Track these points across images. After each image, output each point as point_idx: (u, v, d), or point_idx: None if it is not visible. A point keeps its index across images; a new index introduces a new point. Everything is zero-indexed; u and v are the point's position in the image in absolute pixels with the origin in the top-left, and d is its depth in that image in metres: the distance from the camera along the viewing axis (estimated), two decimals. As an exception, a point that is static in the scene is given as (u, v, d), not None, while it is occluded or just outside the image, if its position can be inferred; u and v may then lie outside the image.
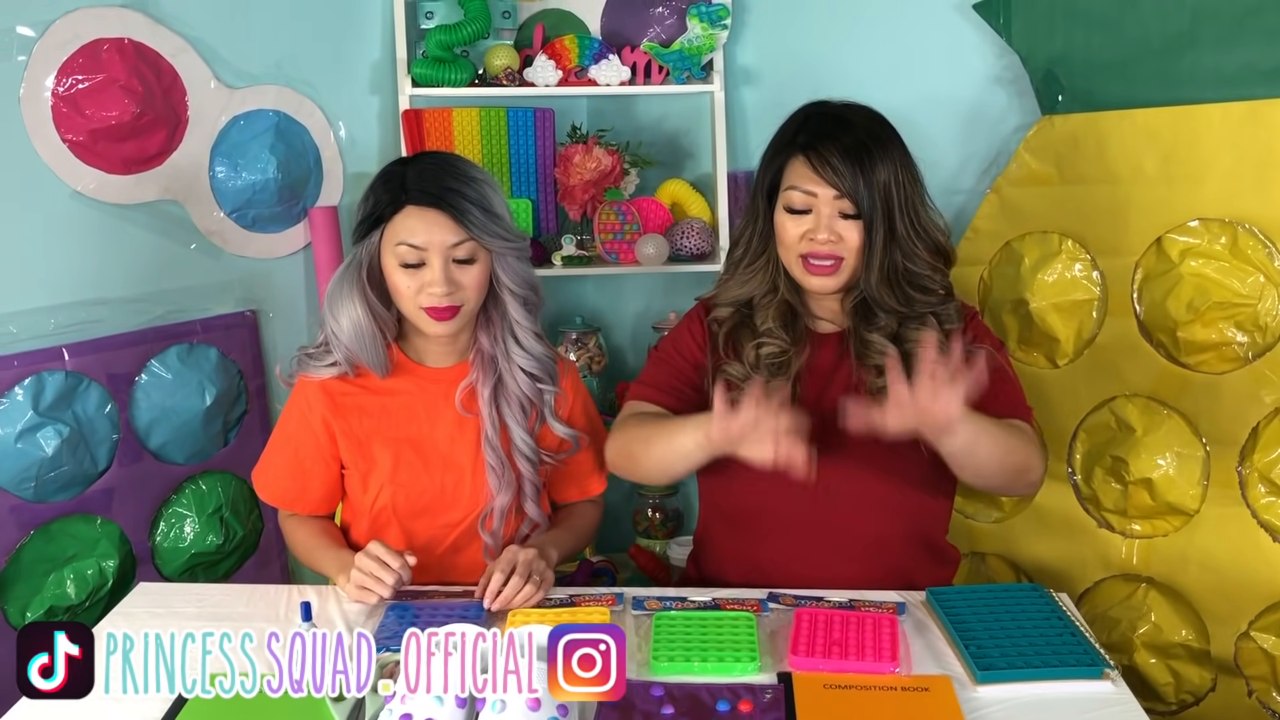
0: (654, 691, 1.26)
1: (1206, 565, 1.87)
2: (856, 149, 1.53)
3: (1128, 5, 1.90)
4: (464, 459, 1.65)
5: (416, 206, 1.54)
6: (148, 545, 2.16)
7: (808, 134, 1.58)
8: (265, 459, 1.73)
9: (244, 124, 2.21)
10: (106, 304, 2.07)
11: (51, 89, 1.96)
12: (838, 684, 1.29)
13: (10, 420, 1.93)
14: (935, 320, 1.60)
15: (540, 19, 2.43)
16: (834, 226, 1.55)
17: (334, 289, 1.61)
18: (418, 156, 1.66)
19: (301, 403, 1.67)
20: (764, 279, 1.65)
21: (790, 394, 1.60)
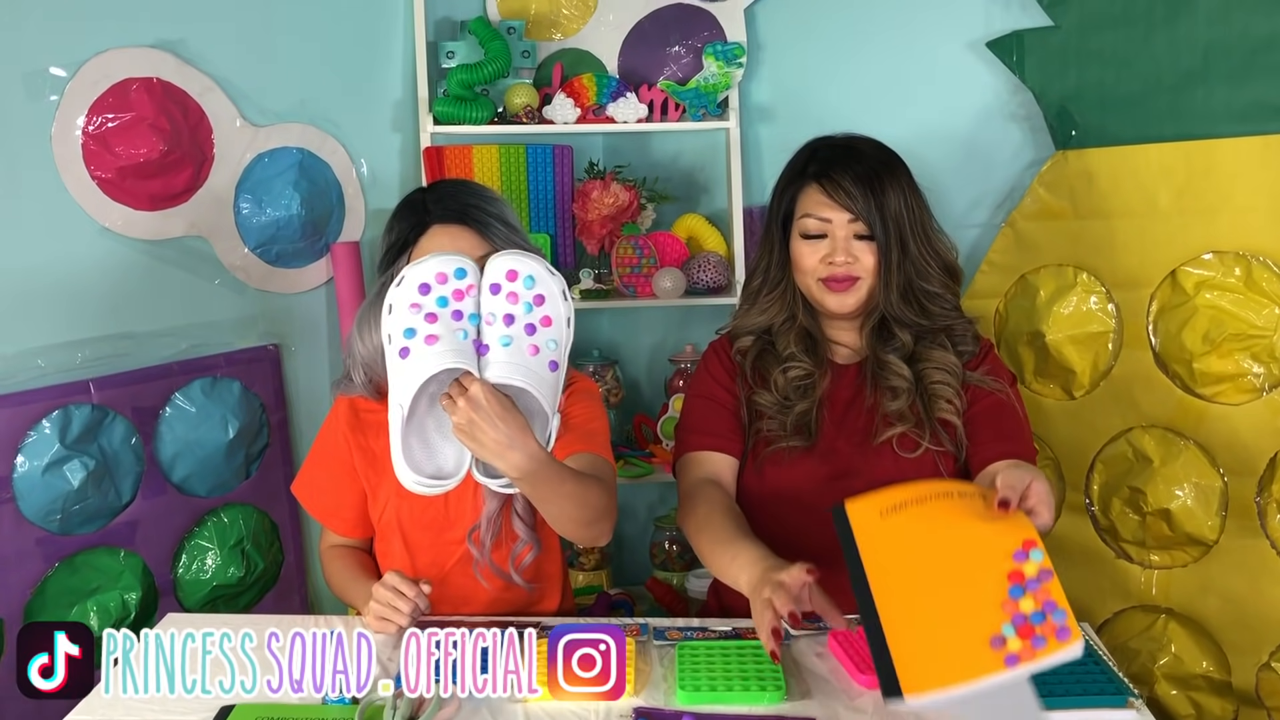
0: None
1: (1226, 596, 1.87)
2: (867, 175, 1.59)
3: (1140, 42, 1.93)
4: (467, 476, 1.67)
5: (441, 225, 1.59)
6: (170, 577, 2.17)
7: (818, 163, 1.63)
8: (304, 470, 1.76)
9: (268, 161, 2.25)
10: (132, 338, 2.10)
11: (82, 127, 2.00)
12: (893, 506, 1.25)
13: (37, 453, 1.95)
14: (950, 340, 1.62)
15: (559, 58, 2.48)
16: (850, 249, 1.60)
17: (364, 314, 1.65)
18: (434, 184, 1.71)
19: (333, 418, 1.72)
20: (783, 307, 1.68)
21: (813, 421, 1.62)
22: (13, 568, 1.94)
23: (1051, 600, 1.14)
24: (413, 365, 1.29)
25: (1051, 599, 1.14)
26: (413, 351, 1.28)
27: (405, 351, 1.29)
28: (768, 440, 1.64)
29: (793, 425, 1.63)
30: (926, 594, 1.19)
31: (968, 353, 1.64)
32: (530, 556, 1.71)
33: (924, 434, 1.59)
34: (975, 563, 1.19)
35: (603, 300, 2.44)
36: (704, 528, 1.57)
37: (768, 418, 1.64)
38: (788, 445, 1.62)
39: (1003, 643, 1.14)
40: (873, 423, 1.62)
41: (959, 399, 1.60)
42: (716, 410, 1.68)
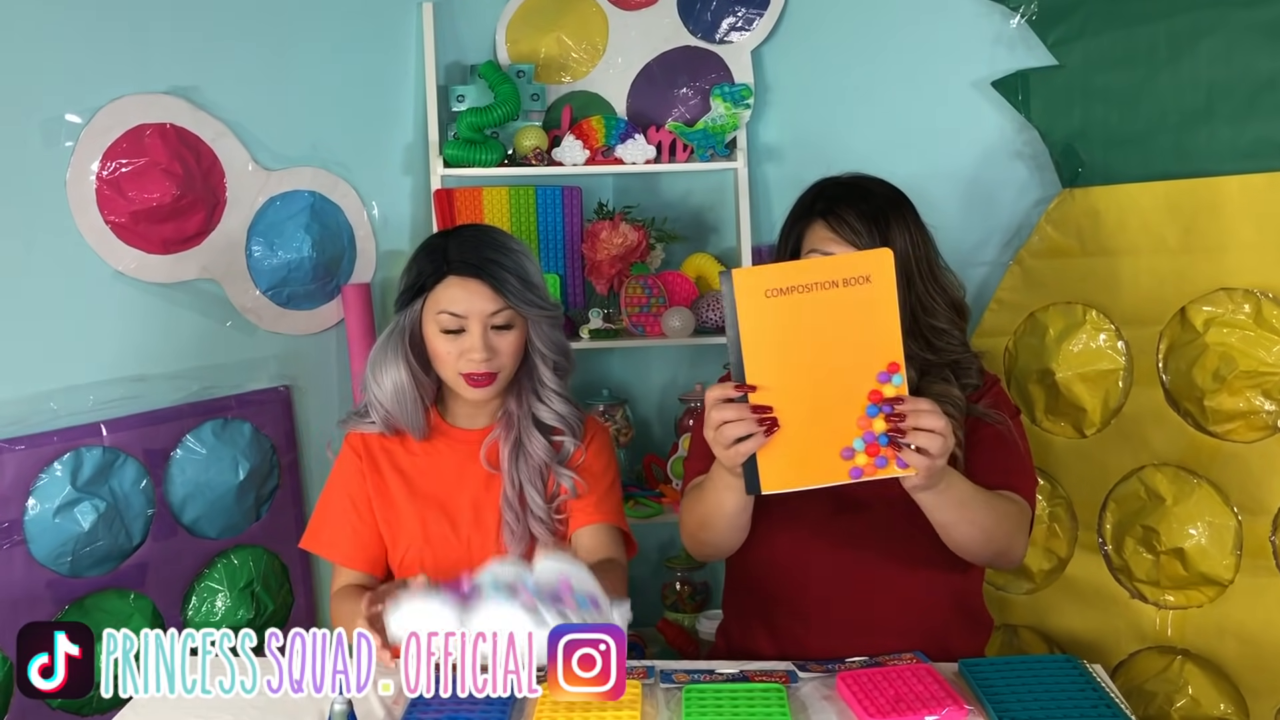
0: None
1: (1242, 637, 1.85)
2: (872, 212, 1.59)
3: (1144, 82, 1.94)
4: (489, 519, 1.68)
5: (458, 276, 1.62)
6: (179, 619, 2.17)
7: (825, 201, 1.63)
8: (318, 511, 1.76)
9: (280, 204, 2.27)
10: (144, 380, 2.11)
11: (96, 172, 2.02)
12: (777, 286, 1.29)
13: (49, 496, 1.96)
14: (953, 375, 1.62)
15: (568, 100, 2.50)
16: None
17: (377, 354, 1.68)
18: (458, 230, 1.73)
19: (348, 453, 1.74)
20: None
21: None
22: (23, 610, 1.94)
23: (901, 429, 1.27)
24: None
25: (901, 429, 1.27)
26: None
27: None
28: None
29: None
30: (792, 389, 1.29)
31: (971, 385, 1.64)
32: None
33: None
34: (841, 373, 1.28)
35: (612, 340, 2.45)
36: (688, 503, 1.63)
37: None
38: None
39: (851, 454, 1.28)
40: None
41: (961, 431, 1.59)
42: None
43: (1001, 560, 1.60)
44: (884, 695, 1.37)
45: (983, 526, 1.50)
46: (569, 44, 2.51)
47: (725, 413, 1.32)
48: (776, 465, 1.30)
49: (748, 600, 1.73)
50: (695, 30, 2.49)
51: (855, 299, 1.28)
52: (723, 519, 1.54)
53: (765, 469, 1.31)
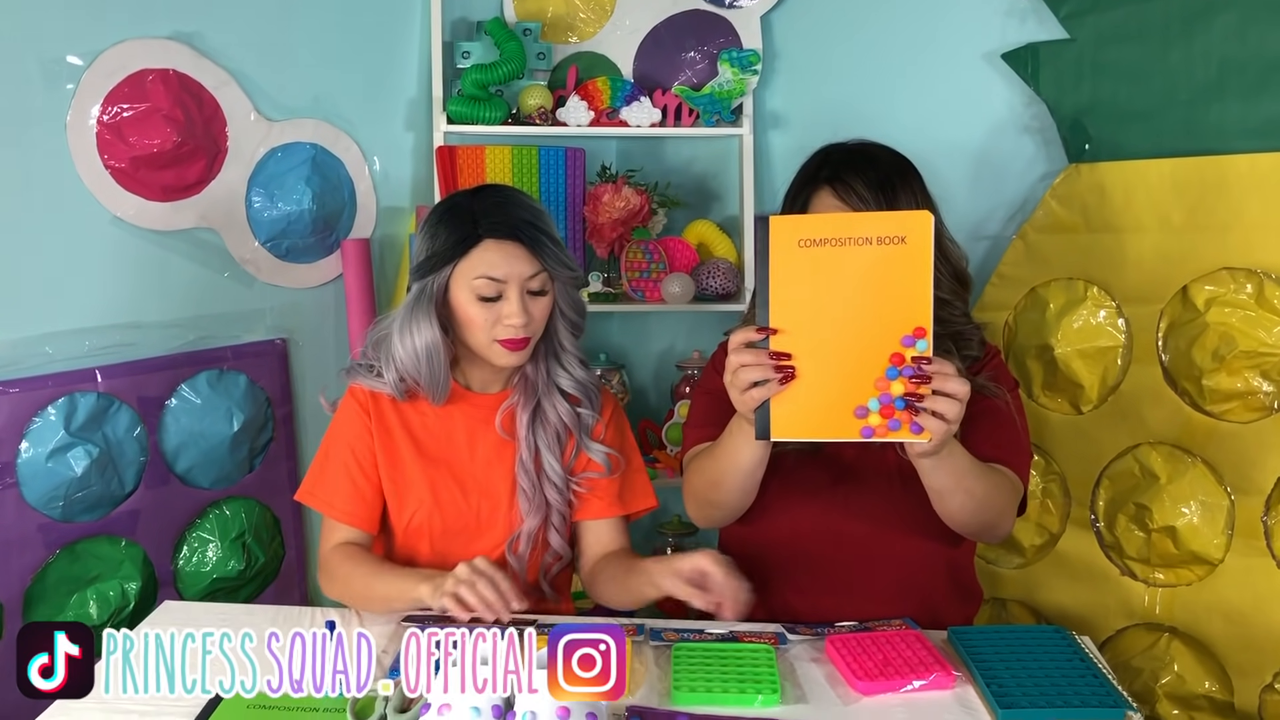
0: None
1: (1231, 616, 1.85)
2: (880, 179, 1.58)
3: (1155, 57, 1.93)
4: (500, 485, 1.66)
5: (495, 240, 1.56)
6: (170, 568, 2.17)
7: (831, 168, 1.61)
8: (316, 463, 1.70)
9: (281, 156, 2.26)
10: (140, 328, 2.11)
11: (97, 117, 2.01)
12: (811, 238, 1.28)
13: (42, 440, 1.95)
14: (955, 345, 1.62)
15: (574, 61, 2.48)
16: None
17: (405, 320, 1.61)
18: (480, 192, 1.65)
19: (353, 407, 1.67)
20: None
21: None
22: (14, 553, 1.95)
23: (919, 394, 1.26)
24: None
25: (919, 394, 1.25)
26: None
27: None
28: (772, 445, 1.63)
29: None
30: (814, 341, 1.29)
31: (972, 357, 1.63)
32: (558, 568, 1.72)
33: None
34: (866, 330, 1.27)
35: (611, 304, 2.44)
36: (695, 468, 1.62)
37: None
38: (790, 449, 1.61)
39: (865, 413, 1.27)
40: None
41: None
42: (723, 405, 1.67)
43: (988, 534, 1.60)
44: (872, 659, 1.38)
45: (976, 498, 1.50)
46: (576, 3, 2.49)
47: (744, 356, 1.32)
48: (789, 413, 1.30)
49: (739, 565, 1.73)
50: (704, -7, 2.47)
51: (889, 258, 1.26)
52: (736, 475, 1.53)
53: (778, 415, 1.31)
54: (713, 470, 1.57)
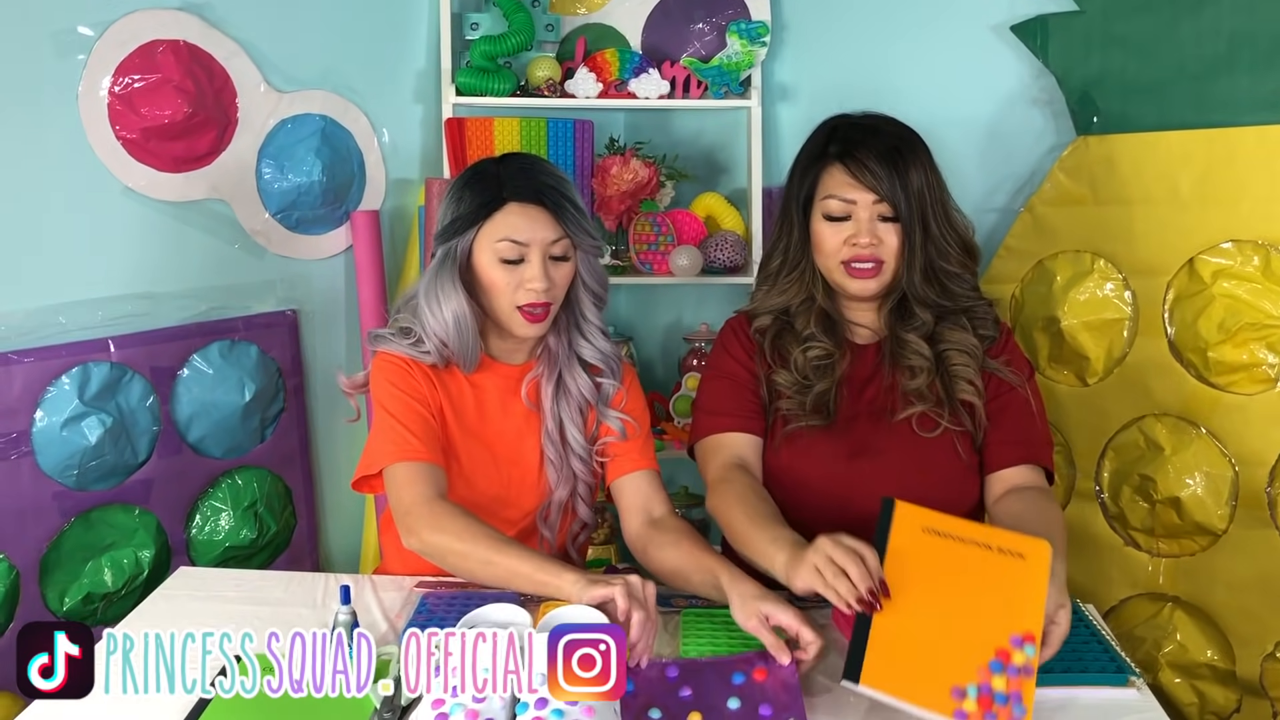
0: (669, 673, 1.28)
1: (1233, 586, 1.87)
2: (890, 153, 1.57)
3: (1165, 29, 1.93)
4: (529, 455, 1.67)
5: (518, 204, 1.57)
6: (183, 537, 2.20)
7: (840, 143, 1.61)
8: (376, 433, 1.60)
9: (291, 127, 2.27)
10: (152, 298, 2.12)
11: (108, 88, 2.01)
12: (936, 529, 1.29)
13: (56, 408, 1.98)
14: (970, 322, 1.62)
15: (582, 32, 2.48)
16: (874, 230, 1.58)
17: (431, 285, 1.60)
18: (505, 158, 1.65)
19: (396, 366, 1.62)
20: (801, 288, 1.67)
21: (832, 401, 1.63)
22: (29, 521, 1.97)
23: (1020, 695, 1.18)
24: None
25: (1021, 694, 1.18)
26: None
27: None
28: (785, 419, 1.63)
29: (811, 405, 1.62)
30: (923, 617, 1.24)
31: (988, 337, 1.63)
32: (584, 536, 1.73)
33: (944, 414, 1.58)
34: (977, 622, 1.23)
35: (619, 276, 2.45)
36: (737, 507, 1.53)
37: (786, 397, 1.64)
38: (806, 425, 1.61)
39: (963, 696, 1.18)
40: (891, 401, 1.62)
41: (979, 379, 1.60)
42: (737, 389, 1.67)
43: None
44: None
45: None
46: (585, -25, 2.49)
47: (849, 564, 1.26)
48: (884, 665, 1.21)
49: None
50: (713, -35, 2.47)
51: (1006, 566, 1.26)
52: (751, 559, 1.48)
53: (871, 662, 1.21)
54: (736, 535, 1.51)
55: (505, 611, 1.31)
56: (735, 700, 1.24)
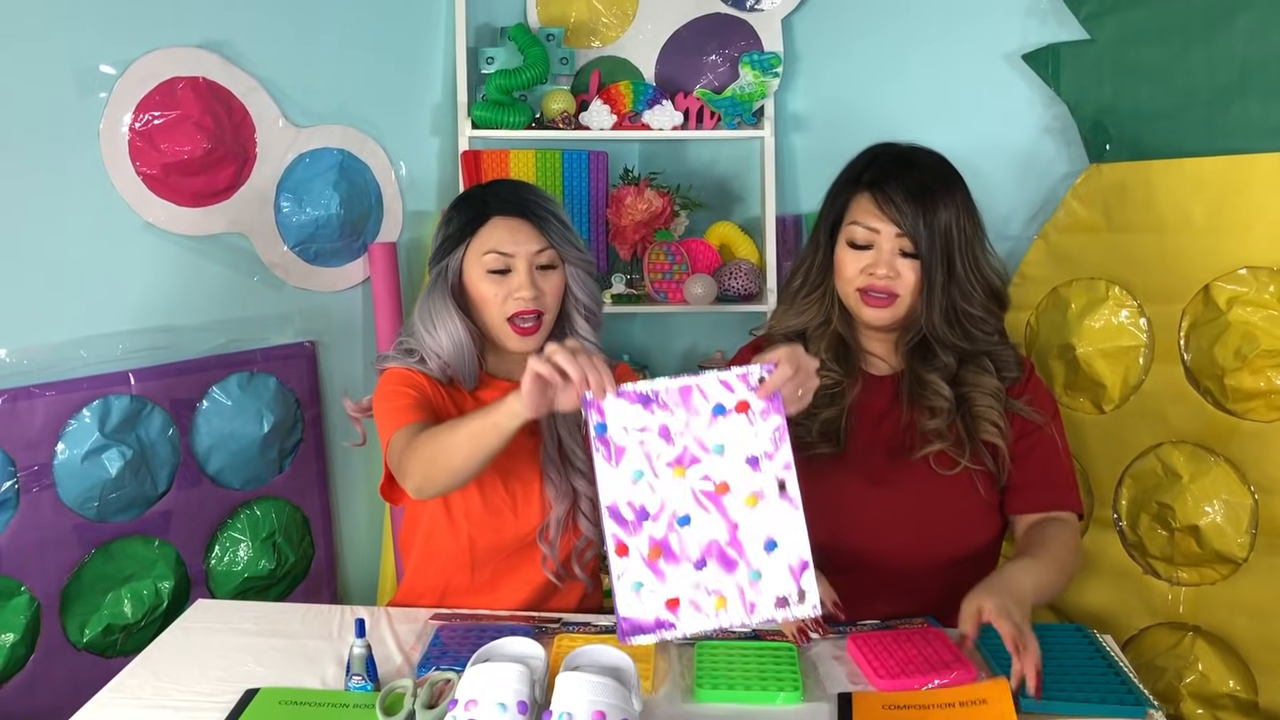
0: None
1: (1255, 615, 1.85)
2: (920, 190, 1.57)
3: (1176, 57, 1.93)
4: (529, 471, 1.68)
5: (502, 217, 1.63)
6: (202, 568, 2.21)
7: (874, 172, 1.61)
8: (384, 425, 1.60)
9: (309, 161, 2.29)
10: (172, 331, 2.15)
11: (129, 124, 2.04)
12: (897, 704, 1.30)
13: (77, 441, 2.00)
14: (992, 364, 1.62)
15: (597, 65, 2.51)
16: (893, 264, 1.58)
17: (425, 307, 1.66)
18: (492, 181, 1.75)
19: (406, 375, 1.64)
20: (819, 310, 1.67)
21: (841, 429, 1.62)
22: (50, 552, 1.99)
23: None
24: None
25: None
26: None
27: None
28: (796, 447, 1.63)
29: (819, 431, 1.62)
30: None
31: (1011, 378, 1.63)
32: (591, 553, 1.73)
33: (963, 453, 1.58)
34: None
35: (634, 305, 2.47)
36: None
37: (795, 423, 1.64)
38: (815, 452, 1.62)
39: None
40: (909, 439, 1.62)
41: (1003, 420, 1.60)
42: None
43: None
44: (894, 657, 1.39)
45: (1059, 586, 1.54)
46: (599, 9, 2.51)
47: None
48: None
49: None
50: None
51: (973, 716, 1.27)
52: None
53: None
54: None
55: (520, 644, 1.32)
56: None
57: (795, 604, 1.25)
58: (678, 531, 1.25)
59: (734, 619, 1.24)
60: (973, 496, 1.60)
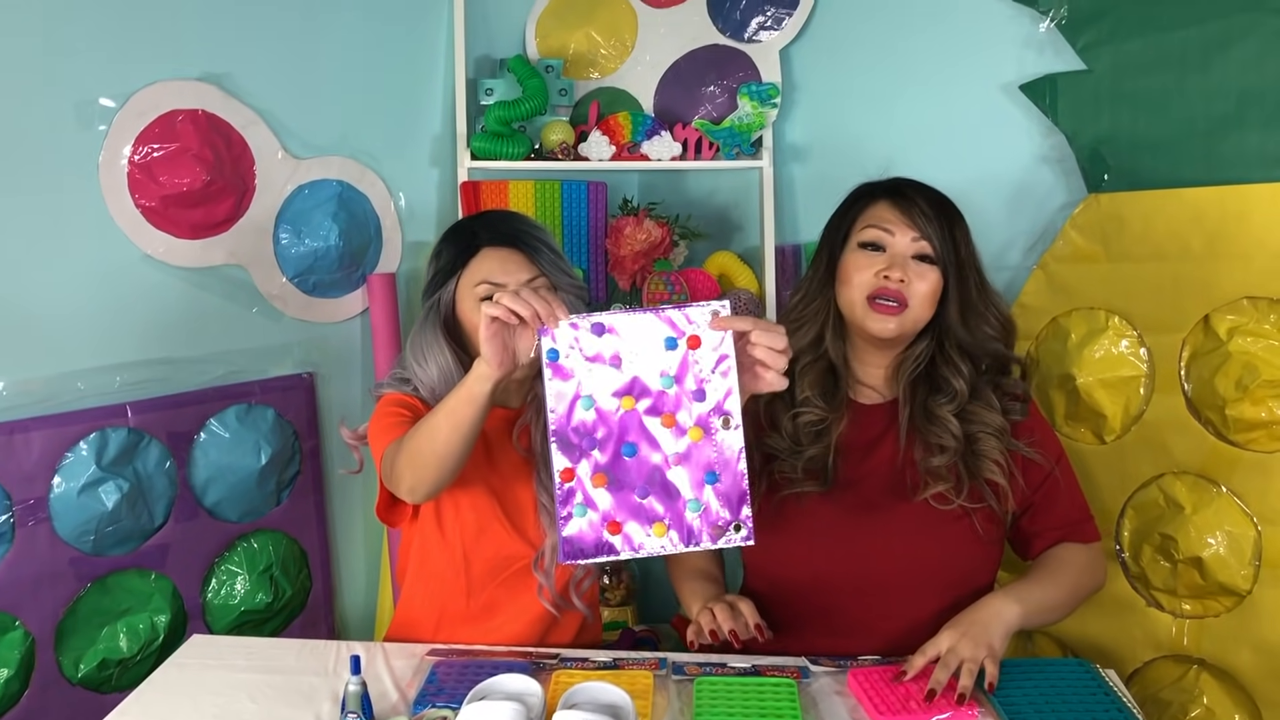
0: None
1: (1260, 648, 1.84)
2: (940, 201, 1.60)
3: (1173, 87, 1.93)
4: (525, 497, 1.68)
5: (493, 247, 1.63)
6: (199, 601, 2.19)
7: (889, 185, 1.63)
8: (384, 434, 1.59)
9: (308, 193, 2.30)
10: (170, 363, 2.14)
11: (128, 157, 2.05)
12: None
13: (74, 474, 1.99)
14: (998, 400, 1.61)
15: (596, 96, 2.51)
16: (907, 268, 1.56)
17: (418, 340, 1.67)
18: (482, 212, 1.76)
19: (399, 397, 1.64)
20: (813, 326, 1.65)
21: (830, 465, 1.61)
22: (46, 587, 1.98)
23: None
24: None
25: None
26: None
27: None
28: (781, 484, 1.62)
29: (805, 469, 1.60)
30: None
31: (1016, 420, 1.63)
32: (589, 582, 1.72)
33: (961, 490, 1.57)
34: None
35: (633, 335, 2.45)
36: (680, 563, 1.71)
37: (780, 460, 1.63)
38: (801, 490, 1.60)
39: None
40: (908, 475, 1.60)
41: (1006, 458, 1.59)
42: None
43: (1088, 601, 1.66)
44: (895, 693, 1.38)
45: (1069, 605, 1.58)
46: (598, 40, 2.53)
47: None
48: None
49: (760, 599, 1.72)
50: (724, 29, 2.50)
51: None
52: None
53: None
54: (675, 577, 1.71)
55: (516, 682, 1.31)
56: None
57: (732, 533, 1.29)
58: (623, 459, 1.29)
59: (673, 545, 1.28)
60: (969, 533, 1.58)
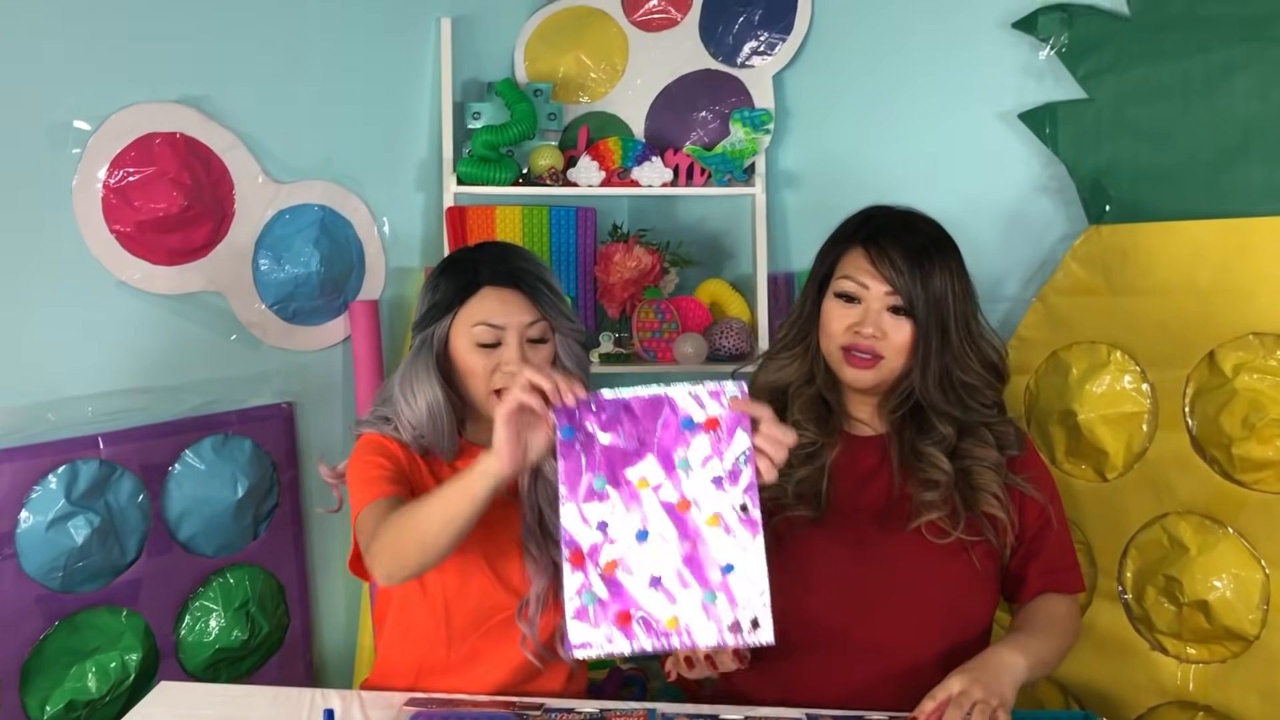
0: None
1: (1269, 695, 1.78)
2: (917, 251, 1.55)
3: (1177, 117, 1.90)
4: (509, 543, 1.62)
5: (493, 287, 1.57)
6: (172, 639, 2.12)
7: (870, 229, 1.59)
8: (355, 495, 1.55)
9: (289, 218, 2.24)
10: (145, 393, 2.07)
11: (103, 181, 1.99)
12: None
13: (42, 509, 1.91)
14: (993, 437, 1.58)
15: (585, 121, 2.47)
16: (880, 322, 1.55)
17: (408, 374, 1.61)
18: (481, 245, 1.68)
19: (381, 444, 1.58)
20: (803, 365, 1.64)
21: (824, 493, 1.57)
22: (11, 626, 1.90)
23: None
24: None
25: None
26: None
27: None
28: (772, 509, 1.57)
29: (795, 492, 1.58)
30: None
31: (1012, 455, 1.61)
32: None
33: (957, 523, 1.54)
34: None
35: (622, 365, 2.41)
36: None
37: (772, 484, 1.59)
38: (793, 514, 1.57)
39: None
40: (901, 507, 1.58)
41: (1003, 492, 1.57)
42: None
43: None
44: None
45: (1058, 663, 1.56)
46: (588, 64, 2.48)
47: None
48: None
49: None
50: (716, 53, 2.46)
51: None
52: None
53: None
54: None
55: None
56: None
57: (749, 631, 1.23)
58: (636, 546, 1.23)
59: (685, 641, 1.22)
60: (967, 567, 1.55)
